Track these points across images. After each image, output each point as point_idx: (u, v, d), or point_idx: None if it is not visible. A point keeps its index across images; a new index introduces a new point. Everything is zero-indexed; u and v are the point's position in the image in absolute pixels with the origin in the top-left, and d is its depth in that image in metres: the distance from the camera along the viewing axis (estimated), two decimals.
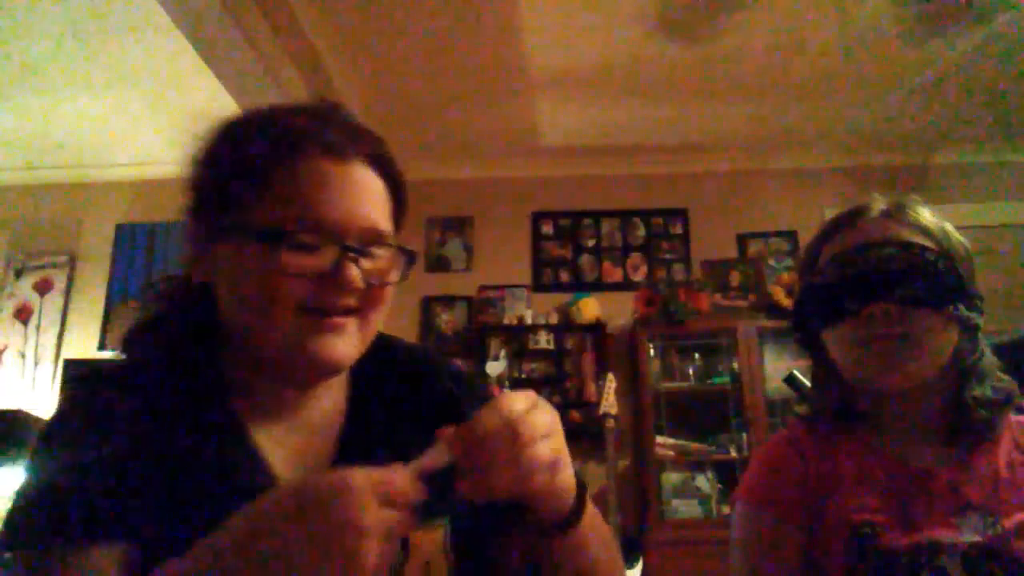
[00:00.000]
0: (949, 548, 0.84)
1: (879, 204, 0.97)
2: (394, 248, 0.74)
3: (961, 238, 0.96)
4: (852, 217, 0.97)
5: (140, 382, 0.70)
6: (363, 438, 0.76)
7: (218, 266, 0.71)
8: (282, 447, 0.73)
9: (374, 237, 0.71)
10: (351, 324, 0.71)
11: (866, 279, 0.91)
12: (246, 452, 0.70)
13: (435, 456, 0.58)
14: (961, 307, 0.89)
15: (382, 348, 0.80)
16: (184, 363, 0.72)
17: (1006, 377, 0.94)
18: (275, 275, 0.67)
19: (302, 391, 0.75)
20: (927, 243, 0.92)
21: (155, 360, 0.73)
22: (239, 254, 0.69)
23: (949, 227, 0.96)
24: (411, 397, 0.80)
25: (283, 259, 0.66)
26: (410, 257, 0.75)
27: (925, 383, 0.91)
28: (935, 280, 0.89)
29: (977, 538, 0.84)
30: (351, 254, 0.69)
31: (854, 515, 0.89)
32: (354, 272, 0.68)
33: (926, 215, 0.95)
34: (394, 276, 0.74)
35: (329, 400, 0.78)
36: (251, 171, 0.70)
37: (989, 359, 0.94)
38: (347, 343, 0.71)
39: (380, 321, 0.75)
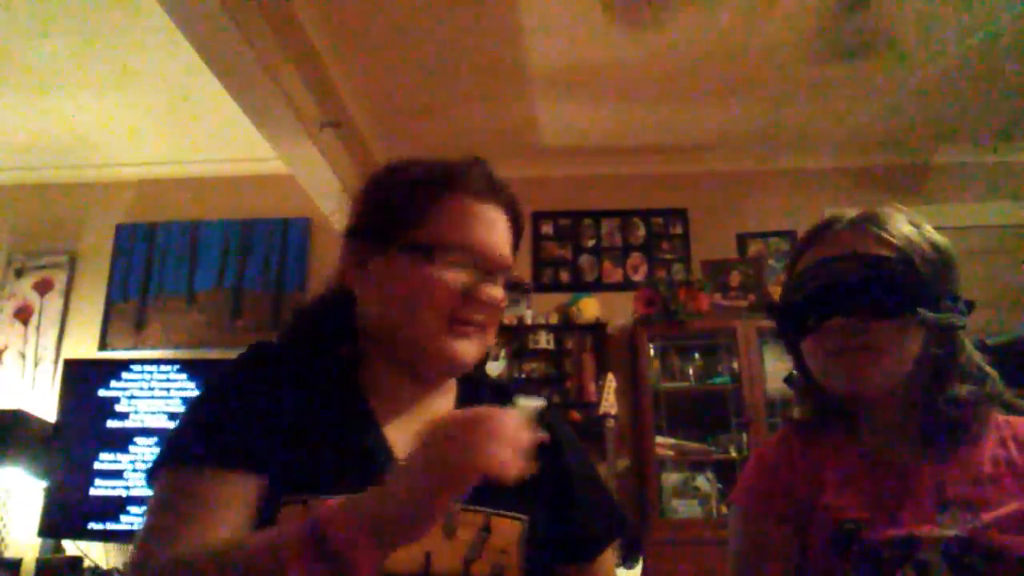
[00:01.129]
0: (930, 542, 0.86)
1: (847, 216, 0.99)
2: (511, 278, 0.90)
3: (937, 240, 0.96)
4: (820, 231, 1.00)
5: (296, 362, 0.86)
6: None
7: (370, 277, 0.87)
8: (403, 435, 0.85)
9: (503, 266, 0.88)
10: (476, 334, 0.86)
11: (824, 294, 0.94)
12: (378, 440, 0.84)
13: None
14: (925, 312, 0.90)
15: (481, 374, 1.00)
16: (329, 358, 0.88)
17: (991, 375, 0.95)
18: (428, 283, 0.82)
19: (425, 390, 0.90)
20: (888, 253, 0.93)
21: (307, 349, 0.89)
22: (394, 266, 0.84)
23: (925, 232, 0.96)
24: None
25: (436, 271, 0.82)
26: (525, 287, 0.88)
27: (895, 388, 0.93)
28: (893, 289, 0.91)
29: (958, 532, 0.86)
30: (489, 277, 0.86)
31: (839, 513, 0.91)
32: (491, 291, 0.85)
33: (895, 222, 0.96)
34: (506, 301, 0.89)
35: (442, 402, 0.92)
36: (414, 202, 0.86)
37: (968, 358, 0.95)
38: (472, 349, 0.86)
39: (493, 338, 0.90)
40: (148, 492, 0.78)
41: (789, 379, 1.40)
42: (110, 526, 2.87)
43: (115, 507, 2.90)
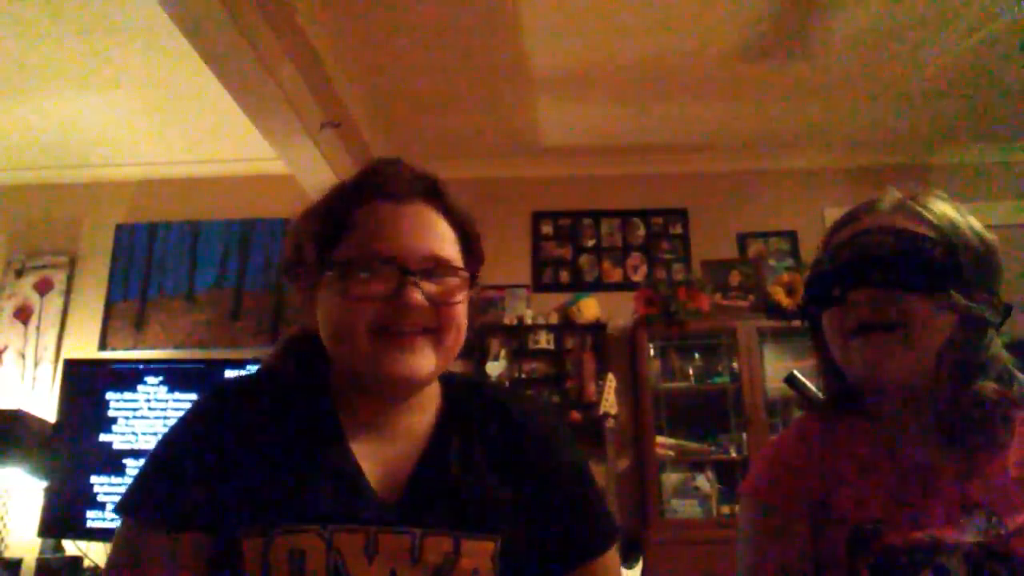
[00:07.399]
0: (952, 547, 0.82)
1: (890, 196, 0.96)
2: (458, 272, 0.84)
3: (983, 232, 0.93)
4: (862, 209, 0.97)
5: (261, 397, 0.84)
6: (439, 458, 0.85)
7: (317, 305, 0.83)
8: (373, 455, 0.83)
9: (434, 263, 0.82)
10: (425, 342, 0.81)
11: (853, 265, 0.90)
12: (345, 458, 0.81)
13: None
14: (956, 295, 0.86)
15: (479, 385, 0.93)
16: (300, 387, 0.86)
17: (1020, 378, 0.91)
18: (348, 301, 0.79)
19: (394, 408, 0.85)
20: (928, 232, 0.89)
21: (275, 383, 0.86)
22: (325, 289, 0.82)
23: (969, 220, 0.93)
24: (492, 429, 0.89)
25: (350, 287, 0.79)
26: (471, 280, 0.86)
27: (921, 377, 0.89)
28: (926, 265, 0.87)
29: (980, 538, 0.82)
30: (411, 279, 0.79)
31: (857, 511, 0.88)
32: (414, 294, 0.79)
33: (937, 206, 0.93)
34: (459, 297, 0.83)
35: (418, 420, 0.87)
36: (332, 220, 0.82)
37: (995, 357, 0.90)
38: (420, 359, 0.80)
39: (458, 340, 0.84)
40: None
41: (789, 379, 1.39)
42: (110, 525, 2.87)
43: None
